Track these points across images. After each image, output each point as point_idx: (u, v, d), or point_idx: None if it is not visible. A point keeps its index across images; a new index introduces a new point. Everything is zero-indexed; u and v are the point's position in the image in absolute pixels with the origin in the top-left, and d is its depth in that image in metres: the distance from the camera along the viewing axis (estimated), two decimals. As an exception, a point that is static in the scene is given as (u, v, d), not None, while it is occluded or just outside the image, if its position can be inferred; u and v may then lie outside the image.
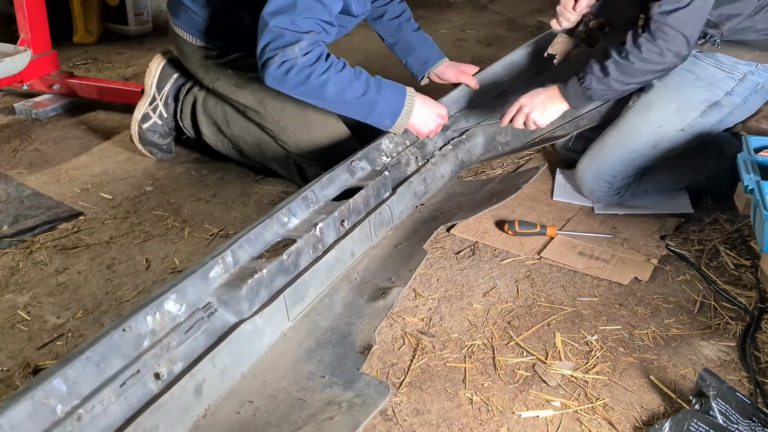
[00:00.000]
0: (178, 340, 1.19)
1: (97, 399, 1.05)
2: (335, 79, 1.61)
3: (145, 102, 2.16)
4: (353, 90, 1.65)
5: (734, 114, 1.83)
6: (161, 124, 2.16)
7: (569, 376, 1.34)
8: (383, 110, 1.72)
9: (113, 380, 1.08)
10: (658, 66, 1.69)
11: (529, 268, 1.68)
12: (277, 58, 1.56)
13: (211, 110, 2.06)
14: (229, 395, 1.24)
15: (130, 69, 3.18)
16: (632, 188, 1.92)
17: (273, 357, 1.34)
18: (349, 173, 1.73)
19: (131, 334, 1.13)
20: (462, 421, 1.23)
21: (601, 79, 1.72)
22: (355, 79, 1.65)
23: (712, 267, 1.68)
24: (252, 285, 1.32)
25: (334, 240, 1.57)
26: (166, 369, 1.16)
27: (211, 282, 1.29)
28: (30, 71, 2.57)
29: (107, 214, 1.94)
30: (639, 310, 1.53)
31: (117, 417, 1.07)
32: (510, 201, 1.96)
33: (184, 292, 1.23)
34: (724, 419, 1.18)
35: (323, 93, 1.63)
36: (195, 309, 1.24)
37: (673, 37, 1.63)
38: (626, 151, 1.85)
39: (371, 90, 1.67)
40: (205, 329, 1.24)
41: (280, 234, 1.48)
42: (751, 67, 1.77)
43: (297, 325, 1.42)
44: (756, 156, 1.59)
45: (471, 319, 1.50)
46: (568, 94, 1.79)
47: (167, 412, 1.12)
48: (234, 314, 1.30)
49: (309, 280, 1.47)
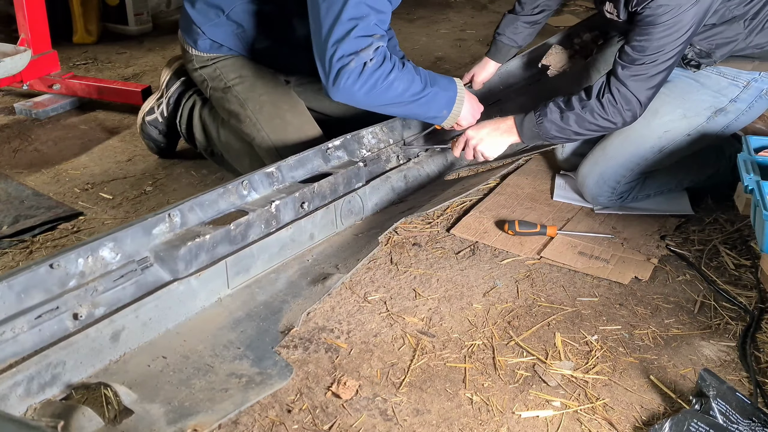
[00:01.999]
0: (105, 286, 1.23)
1: (9, 326, 1.09)
2: (400, 77, 1.62)
3: (156, 96, 2.20)
4: (416, 85, 1.65)
5: (740, 120, 1.84)
6: (161, 121, 2.17)
7: (569, 376, 1.34)
8: (440, 102, 1.72)
9: (30, 311, 1.12)
10: (613, 126, 1.73)
11: (529, 268, 1.68)
12: (352, 64, 1.55)
13: (206, 116, 2.08)
14: (147, 346, 1.29)
15: (130, 69, 3.18)
16: (635, 192, 1.92)
17: (201, 320, 1.39)
18: (323, 159, 1.74)
19: (59, 271, 1.17)
20: (462, 421, 1.23)
21: (558, 127, 1.74)
22: (414, 75, 1.65)
23: (712, 267, 1.68)
24: (192, 247, 1.36)
25: (291, 219, 1.59)
26: (87, 311, 1.20)
27: (153, 237, 1.34)
28: (30, 71, 2.56)
29: (107, 214, 1.94)
30: (639, 310, 1.53)
31: (26, 346, 1.12)
32: (510, 201, 1.96)
33: (123, 242, 1.27)
34: (724, 419, 1.18)
35: (391, 94, 1.63)
36: (130, 260, 1.28)
37: (631, 101, 1.67)
38: (631, 156, 1.85)
39: (429, 82, 1.67)
40: (136, 281, 1.29)
41: (235, 205, 1.51)
42: (754, 75, 1.78)
43: (235, 294, 1.47)
44: (756, 156, 1.59)
45: (471, 319, 1.50)
46: (523, 131, 1.79)
47: (77, 351, 1.17)
48: (169, 272, 1.34)
49: (256, 253, 1.50)
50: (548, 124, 1.74)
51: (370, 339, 1.43)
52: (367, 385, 1.31)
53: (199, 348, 1.31)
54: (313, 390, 1.29)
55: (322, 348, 1.40)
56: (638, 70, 1.64)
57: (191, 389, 1.21)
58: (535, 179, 2.10)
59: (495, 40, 2.10)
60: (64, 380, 1.15)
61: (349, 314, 1.50)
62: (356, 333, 1.45)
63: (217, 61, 1.92)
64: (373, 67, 1.57)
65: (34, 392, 1.11)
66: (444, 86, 1.73)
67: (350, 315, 1.50)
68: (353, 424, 1.22)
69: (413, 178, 1.98)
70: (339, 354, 1.39)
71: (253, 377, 1.25)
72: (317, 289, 1.50)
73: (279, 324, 1.40)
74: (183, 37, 1.96)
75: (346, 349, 1.40)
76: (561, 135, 1.76)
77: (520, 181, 2.09)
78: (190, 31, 1.91)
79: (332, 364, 1.36)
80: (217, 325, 1.38)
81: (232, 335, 1.36)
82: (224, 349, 1.32)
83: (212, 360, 1.29)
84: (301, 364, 1.35)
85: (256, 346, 1.33)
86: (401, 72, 1.62)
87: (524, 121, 1.78)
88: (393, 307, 1.53)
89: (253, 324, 1.39)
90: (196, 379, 1.23)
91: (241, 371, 1.26)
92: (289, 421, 1.22)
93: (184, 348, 1.31)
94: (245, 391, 1.21)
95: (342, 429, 1.21)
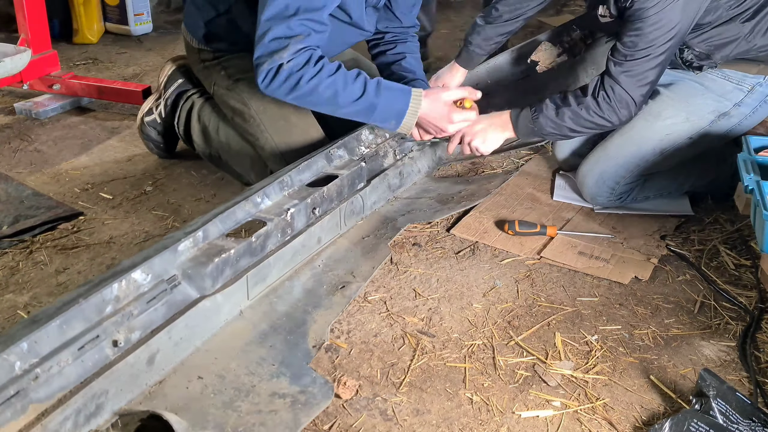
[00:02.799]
0: (140, 309, 1.21)
1: (55, 360, 1.07)
2: (327, 83, 1.55)
3: (154, 96, 2.20)
4: (348, 93, 1.58)
5: (743, 124, 1.84)
6: (159, 122, 2.17)
7: (569, 376, 1.34)
8: (385, 112, 1.64)
9: (73, 343, 1.10)
10: (608, 124, 1.73)
11: (529, 268, 1.68)
12: (265, 66, 1.54)
13: (204, 117, 2.07)
14: (180, 367, 1.26)
15: (130, 69, 3.18)
16: (634, 194, 1.92)
17: (228, 335, 1.36)
18: (326, 160, 1.73)
19: (96, 299, 1.15)
20: (462, 421, 1.23)
21: (554, 123, 1.74)
22: (350, 82, 1.59)
23: (712, 267, 1.68)
24: (218, 263, 1.34)
25: (303, 226, 1.58)
26: (124, 336, 1.18)
27: (179, 255, 1.32)
28: (30, 71, 2.57)
29: (107, 214, 1.94)
30: (639, 310, 1.53)
31: (71, 379, 1.09)
32: (510, 201, 1.96)
33: (152, 263, 1.25)
34: (724, 419, 1.18)
35: (316, 97, 1.58)
36: (160, 280, 1.26)
37: (625, 99, 1.68)
38: (632, 157, 1.85)
39: (369, 93, 1.60)
40: (166, 301, 1.26)
41: (251, 213, 1.50)
42: (759, 79, 1.78)
43: (255, 305, 1.45)
44: (756, 156, 1.59)
45: (471, 319, 1.50)
46: (518, 126, 1.79)
47: (118, 378, 1.15)
48: (196, 289, 1.32)
49: (273, 262, 1.49)
50: (543, 120, 1.74)
51: (370, 339, 1.43)
52: (367, 385, 1.31)
53: (233, 366, 1.28)
54: (313, 390, 1.29)
55: (322, 348, 1.40)
56: (630, 66, 1.65)
57: (239, 413, 1.18)
58: (535, 179, 2.10)
59: (466, 48, 2.08)
60: (108, 409, 1.13)
61: (349, 314, 1.51)
62: (356, 333, 1.45)
63: (221, 57, 1.92)
64: (289, 69, 1.52)
65: (81, 425, 1.09)
66: (390, 98, 1.64)
67: (350, 315, 1.50)
68: (353, 424, 1.22)
69: (407, 174, 1.99)
70: (339, 354, 1.39)
71: (296, 397, 1.22)
72: (337, 299, 1.49)
73: (307, 338, 1.37)
74: (187, 32, 1.96)
75: (346, 349, 1.40)
76: (556, 131, 1.76)
77: (520, 181, 2.09)
78: (195, 26, 1.91)
79: (332, 363, 1.36)
80: (244, 340, 1.35)
81: (262, 351, 1.33)
82: (258, 366, 1.29)
83: (250, 379, 1.26)
84: (301, 364, 1.35)
85: (289, 362, 1.30)
86: (331, 77, 1.55)
87: (520, 117, 1.78)
88: (393, 307, 1.53)
89: (280, 338, 1.37)
90: (240, 401, 1.20)
91: (283, 390, 1.23)
92: (289, 421, 1.22)
93: (217, 366, 1.28)
94: (294, 412, 1.18)
95: (342, 429, 1.21)
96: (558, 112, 1.73)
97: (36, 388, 1.03)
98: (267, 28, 1.53)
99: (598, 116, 1.71)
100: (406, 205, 1.89)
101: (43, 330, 1.06)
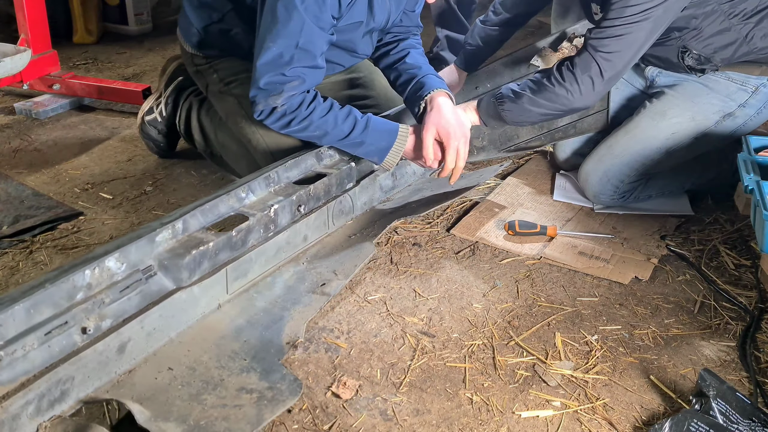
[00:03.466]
0: (112, 297, 1.21)
1: (20, 344, 1.07)
2: (317, 124, 1.63)
3: (155, 96, 2.20)
4: (337, 132, 1.66)
5: (748, 125, 1.84)
6: (160, 121, 2.18)
7: (569, 376, 1.34)
8: (370, 149, 1.71)
9: (39, 327, 1.10)
10: (569, 97, 1.65)
11: (529, 268, 1.68)
12: (260, 106, 1.60)
13: (203, 118, 2.07)
14: (152, 357, 1.26)
15: (130, 69, 3.18)
16: (636, 192, 1.92)
17: (203, 327, 1.36)
18: (315, 158, 1.74)
19: (67, 285, 1.14)
20: (462, 421, 1.23)
21: (513, 100, 1.69)
22: (340, 122, 1.65)
23: (712, 267, 1.68)
24: (196, 256, 1.34)
25: (288, 223, 1.58)
26: (94, 324, 1.18)
27: (156, 245, 1.32)
28: (30, 71, 2.56)
29: (107, 214, 1.94)
30: (639, 310, 1.53)
31: (36, 363, 1.09)
32: (510, 201, 1.96)
33: (128, 252, 1.25)
34: (724, 419, 1.18)
35: (307, 135, 1.67)
36: (135, 269, 1.26)
37: (591, 67, 1.62)
38: (637, 155, 1.85)
39: (356, 132, 1.67)
40: (140, 290, 1.26)
41: (234, 208, 1.50)
42: (762, 80, 1.78)
43: (234, 299, 1.45)
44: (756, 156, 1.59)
45: (471, 319, 1.50)
46: (481, 108, 1.75)
47: (86, 366, 1.15)
48: (173, 281, 1.32)
49: (254, 257, 1.49)
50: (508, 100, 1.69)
51: (370, 339, 1.43)
52: (367, 385, 1.31)
53: (204, 359, 1.29)
54: (313, 390, 1.29)
55: (322, 348, 1.40)
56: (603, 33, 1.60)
57: (203, 406, 1.18)
58: (535, 179, 2.10)
59: (465, 50, 2.10)
60: (73, 396, 1.13)
61: (349, 314, 1.51)
62: (356, 333, 1.45)
63: (214, 61, 1.92)
64: (282, 111, 1.60)
65: (44, 410, 1.09)
66: (376, 137, 1.69)
67: (350, 315, 1.50)
68: (353, 424, 1.22)
69: (400, 175, 1.99)
70: (339, 354, 1.39)
71: (263, 393, 1.22)
72: (317, 297, 1.49)
73: (282, 334, 1.37)
74: (181, 37, 1.96)
75: (346, 349, 1.40)
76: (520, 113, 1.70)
77: (520, 181, 2.09)
78: (189, 31, 1.91)
79: (332, 364, 1.36)
80: (219, 333, 1.36)
81: (236, 345, 1.33)
82: (230, 360, 1.29)
83: (219, 372, 1.26)
84: (301, 364, 1.35)
85: (261, 357, 1.30)
86: (320, 120, 1.63)
87: (483, 100, 1.76)
88: (393, 307, 1.53)
89: (256, 333, 1.37)
90: (207, 394, 1.20)
91: (251, 385, 1.23)
92: (289, 421, 1.22)
93: (188, 359, 1.28)
94: (258, 408, 1.18)
95: (342, 429, 1.21)
96: (519, 89, 1.69)
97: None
98: (262, 74, 1.57)
99: (559, 85, 1.64)
100: (397, 205, 1.89)
101: (8, 312, 1.05)
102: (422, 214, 1.86)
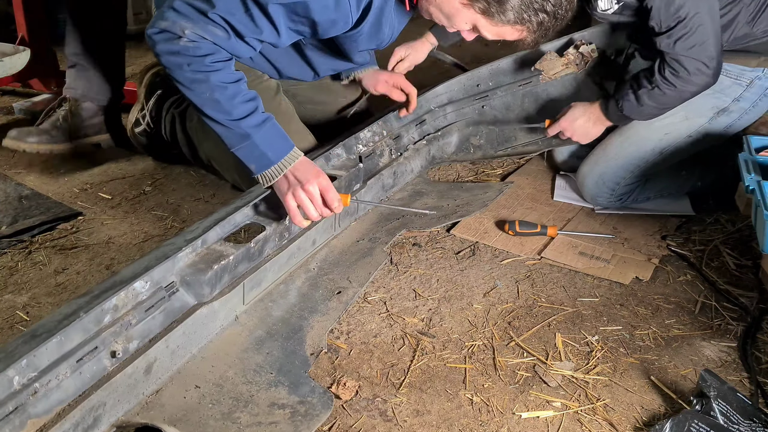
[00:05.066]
0: (138, 318, 1.20)
1: (54, 373, 1.06)
2: (211, 86, 1.35)
3: (138, 107, 2.17)
4: (227, 107, 1.37)
5: (743, 119, 1.83)
6: (149, 131, 2.15)
7: (570, 376, 1.33)
8: (253, 151, 1.41)
9: (71, 355, 1.09)
10: (689, 92, 1.70)
11: (530, 268, 1.68)
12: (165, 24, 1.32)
13: (188, 130, 2.04)
14: (177, 376, 1.25)
15: (130, 69, 3.17)
16: (635, 195, 1.91)
17: (223, 341, 1.35)
18: (324, 160, 1.74)
19: (95, 309, 1.13)
20: (462, 422, 1.23)
21: (636, 107, 1.75)
22: (239, 101, 1.38)
23: (713, 267, 1.68)
24: (217, 271, 1.34)
25: (300, 229, 1.58)
26: (122, 347, 1.17)
27: (178, 260, 1.31)
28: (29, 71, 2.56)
29: (106, 215, 1.93)
30: (640, 311, 1.53)
31: (69, 392, 1.08)
32: (510, 201, 1.96)
33: (152, 270, 1.24)
34: (724, 420, 1.17)
35: (191, 92, 1.38)
36: (158, 287, 1.25)
37: (690, 65, 1.65)
38: (631, 158, 1.85)
39: (249, 120, 1.39)
40: (164, 308, 1.25)
41: (250, 217, 1.50)
42: (757, 72, 1.77)
43: (250, 310, 1.44)
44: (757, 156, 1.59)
45: (471, 319, 1.50)
46: (610, 116, 1.83)
47: (116, 390, 1.14)
48: (194, 296, 1.31)
49: (269, 266, 1.49)
50: (628, 105, 1.76)
51: (369, 339, 1.43)
52: (366, 386, 1.30)
53: (230, 374, 1.27)
54: (313, 390, 1.29)
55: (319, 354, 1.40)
56: (677, 33, 1.62)
57: (238, 425, 1.16)
58: (535, 179, 2.10)
59: None
60: (105, 421, 1.12)
61: (349, 314, 1.50)
62: (356, 333, 1.45)
63: None
64: (182, 45, 1.32)
65: None
66: (267, 139, 1.41)
67: (350, 315, 1.50)
68: (353, 424, 1.22)
69: (400, 174, 1.99)
70: (339, 354, 1.38)
71: (296, 408, 1.20)
72: (334, 305, 1.49)
73: (305, 345, 1.36)
74: None
75: (345, 350, 1.40)
76: (640, 113, 1.77)
77: (520, 181, 2.08)
78: None
79: (332, 364, 1.36)
80: (240, 346, 1.34)
81: (259, 358, 1.32)
82: (255, 374, 1.28)
83: (248, 388, 1.24)
84: (301, 365, 1.35)
85: (287, 370, 1.29)
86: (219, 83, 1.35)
87: (609, 109, 1.81)
88: (393, 308, 1.53)
89: (277, 344, 1.36)
90: (239, 412, 1.19)
91: (282, 400, 1.22)
92: (288, 421, 1.22)
93: (214, 375, 1.26)
94: (294, 424, 1.17)
95: (342, 429, 1.21)
96: (637, 96, 1.74)
97: (34, 403, 1.03)
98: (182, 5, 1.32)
99: (675, 91, 1.69)
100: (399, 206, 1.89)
101: (43, 345, 1.04)
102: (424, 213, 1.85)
